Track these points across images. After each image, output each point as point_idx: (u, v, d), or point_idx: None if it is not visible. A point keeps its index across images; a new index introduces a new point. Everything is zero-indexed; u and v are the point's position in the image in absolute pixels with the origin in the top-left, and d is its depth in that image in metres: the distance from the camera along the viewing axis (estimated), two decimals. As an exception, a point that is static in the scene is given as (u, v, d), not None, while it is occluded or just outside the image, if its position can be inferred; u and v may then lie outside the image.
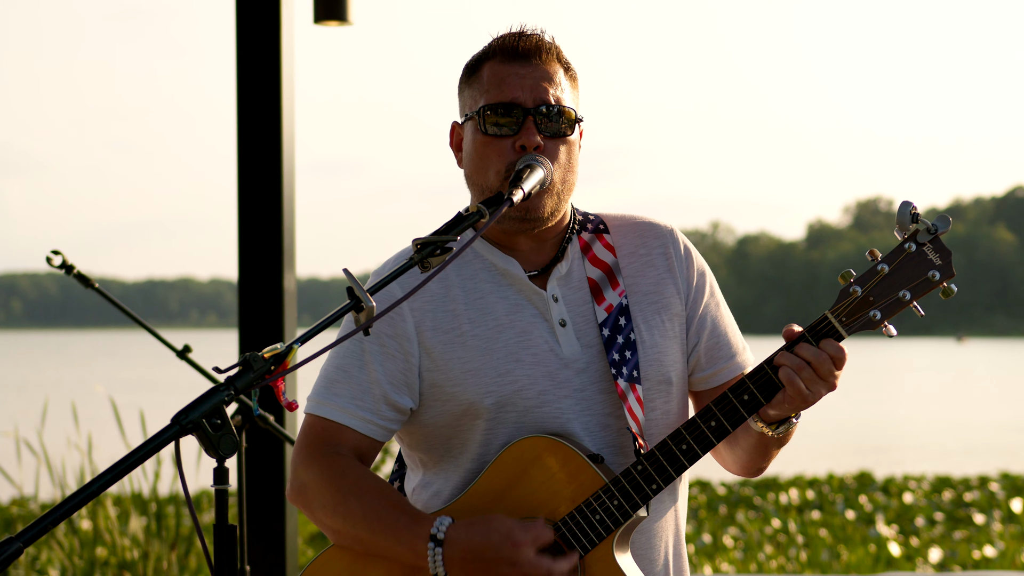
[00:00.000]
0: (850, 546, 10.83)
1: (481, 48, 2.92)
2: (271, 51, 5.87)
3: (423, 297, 2.89)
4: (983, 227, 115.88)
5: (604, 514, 2.77)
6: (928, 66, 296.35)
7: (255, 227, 5.89)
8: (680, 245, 3.00)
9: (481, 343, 2.87)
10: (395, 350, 2.88)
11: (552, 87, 2.84)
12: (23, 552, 2.10)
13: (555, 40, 2.91)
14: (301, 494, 2.89)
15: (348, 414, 2.87)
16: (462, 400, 2.85)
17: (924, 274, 2.71)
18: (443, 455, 2.92)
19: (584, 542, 2.79)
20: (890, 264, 2.71)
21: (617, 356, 2.87)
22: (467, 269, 2.92)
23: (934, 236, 2.71)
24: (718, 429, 2.77)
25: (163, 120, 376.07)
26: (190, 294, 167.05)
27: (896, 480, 15.58)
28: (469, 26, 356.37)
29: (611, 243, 2.97)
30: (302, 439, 2.91)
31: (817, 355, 2.71)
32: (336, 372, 2.90)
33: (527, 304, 2.90)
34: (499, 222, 2.86)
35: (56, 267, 4.42)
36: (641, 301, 2.94)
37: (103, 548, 8.58)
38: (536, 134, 2.81)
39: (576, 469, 2.79)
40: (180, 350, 4.50)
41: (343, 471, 2.84)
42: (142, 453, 2.21)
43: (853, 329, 2.73)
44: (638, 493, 2.77)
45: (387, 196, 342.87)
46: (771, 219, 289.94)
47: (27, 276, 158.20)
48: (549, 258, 2.93)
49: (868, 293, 2.72)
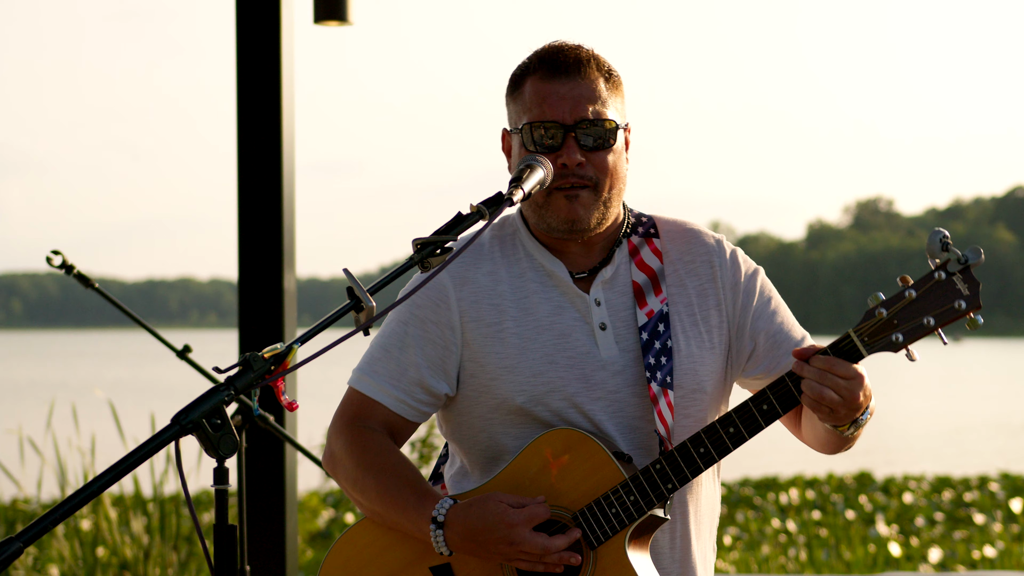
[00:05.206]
0: (850, 546, 10.82)
1: (523, 61, 2.99)
2: (271, 51, 5.88)
3: (471, 287, 2.98)
4: (983, 227, 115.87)
5: (620, 508, 2.86)
6: (928, 66, 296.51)
7: (255, 227, 5.89)
8: (726, 254, 3.06)
9: (520, 341, 2.95)
10: (437, 336, 2.97)
11: (591, 102, 2.90)
12: (23, 552, 2.11)
13: (594, 51, 2.96)
14: (331, 463, 3.03)
15: (383, 392, 2.98)
16: (496, 395, 2.95)
17: (951, 303, 2.75)
18: (474, 445, 3.02)
19: (599, 534, 2.88)
20: (918, 290, 2.76)
21: (653, 361, 2.94)
22: (516, 267, 3.01)
23: (965, 267, 2.74)
24: (736, 436, 2.85)
25: (163, 120, 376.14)
26: (190, 294, 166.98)
27: (896, 480, 15.58)
28: (469, 26, 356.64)
29: (659, 248, 3.04)
30: (340, 410, 3.03)
31: (830, 361, 2.76)
32: (379, 350, 3.00)
33: (569, 307, 2.98)
34: (546, 230, 2.95)
35: (56, 267, 4.42)
36: (681, 310, 3.00)
37: (103, 548, 8.58)
38: (576, 151, 2.89)
39: (599, 463, 2.88)
40: (180, 350, 4.50)
41: (367, 446, 2.96)
42: (142, 453, 2.22)
43: (874, 349, 2.78)
44: (653, 491, 2.86)
45: (387, 196, 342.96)
46: (771, 219, 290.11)
47: (27, 276, 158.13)
48: (597, 261, 3.01)
49: (893, 316, 2.77)
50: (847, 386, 2.75)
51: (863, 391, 2.77)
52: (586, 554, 2.89)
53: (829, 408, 2.76)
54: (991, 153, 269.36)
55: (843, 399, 2.75)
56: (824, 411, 2.78)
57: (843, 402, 2.76)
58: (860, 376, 2.77)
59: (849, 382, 2.75)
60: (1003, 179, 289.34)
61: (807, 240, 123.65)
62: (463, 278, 2.98)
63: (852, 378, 2.75)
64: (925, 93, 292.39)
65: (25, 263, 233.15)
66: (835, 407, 2.76)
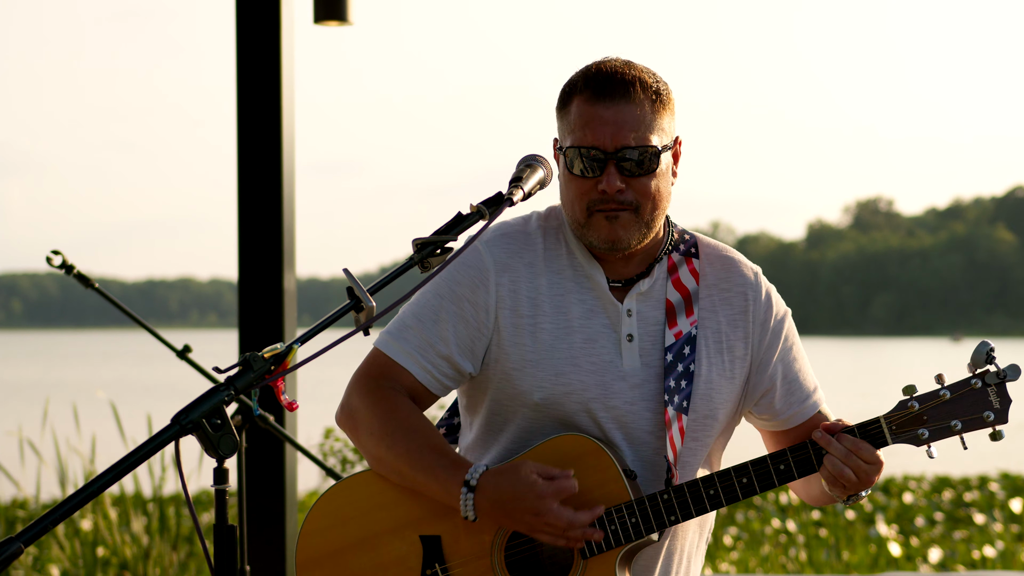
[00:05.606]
0: (850, 546, 10.82)
1: (572, 76, 2.99)
2: (271, 51, 5.87)
3: (511, 275, 3.00)
4: (983, 227, 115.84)
5: (619, 526, 2.90)
6: (928, 66, 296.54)
7: (255, 227, 5.89)
8: (762, 290, 3.09)
9: (549, 339, 2.98)
10: (471, 316, 2.99)
11: (635, 128, 2.90)
12: (23, 552, 2.10)
13: (643, 69, 2.96)
14: (350, 418, 3.03)
15: (412, 360, 3.00)
16: (516, 385, 2.98)
17: (980, 412, 2.89)
18: (489, 427, 3.05)
19: (594, 546, 2.91)
20: (952, 392, 2.89)
21: (673, 383, 2.97)
22: (556, 263, 3.03)
23: (1001, 382, 2.88)
24: (747, 487, 2.93)
25: (163, 120, 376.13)
26: (190, 294, 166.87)
27: (896, 480, 15.57)
28: (469, 25, 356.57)
29: (697, 269, 3.06)
30: (363, 368, 3.04)
31: (857, 443, 2.90)
32: (412, 319, 3.01)
33: (601, 312, 3.00)
34: (588, 245, 2.98)
35: (56, 267, 4.43)
36: (709, 336, 3.03)
37: (103, 548, 8.58)
38: (617, 178, 2.90)
39: (609, 478, 2.92)
40: (180, 350, 4.50)
41: (395, 405, 2.98)
42: (142, 453, 2.22)
43: (899, 440, 2.92)
44: (656, 519, 2.91)
45: (387, 196, 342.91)
46: (771, 219, 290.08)
47: (27, 276, 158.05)
48: (636, 272, 3.03)
49: (923, 412, 2.89)
50: (867, 470, 2.90)
51: (878, 475, 2.91)
52: (576, 562, 2.93)
53: (843, 484, 2.90)
54: (991, 153, 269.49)
55: (859, 480, 2.90)
56: (837, 486, 2.92)
57: (859, 483, 2.91)
58: (881, 463, 2.91)
59: (870, 467, 2.90)
60: (1003, 179, 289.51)
61: (807, 240, 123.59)
62: (505, 264, 3.00)
63: (873, 464, 2.90)
64: (925, 93, 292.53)
65: (25, 263, 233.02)
66: (849, 486, 2.91)
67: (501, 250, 3.01)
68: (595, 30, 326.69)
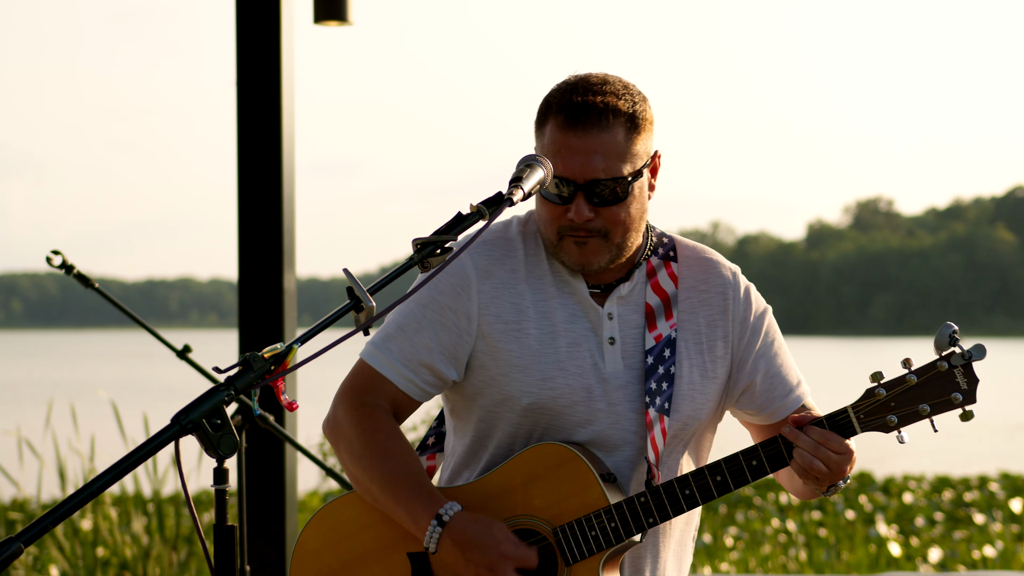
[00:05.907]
0: (850, 546, 10.83)
1: (550, 91, 2.99)
2: (271, 51, 5.88)
3: (493, 282, 3.02)
4: (983, 227, 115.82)
5: (600, 532, 2.93)
6: (929, 66, 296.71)
7: (255, 227, 5.89)
8: (741, 288, 3.11)
9: (535, 344, 3.00)
10: (453, 324, 3.01)
11: (607, 157, 2.91)
12: (23, 552, 2.10)
13: (619, 92, 2.94)
14: (334, 430, 3.08)
15: (394, 370, 3.03)
16: (503, 391, 3.00)
17: (948, 394, 2.86)
18: (473, 432, 3.07)
19: (576, 553, 2.95)
20: (919, 376, 2.86)
21: (654, 385, 3.00)
22: (538, 269, 3.05)
23: (967, 363, 2.86)
24: (721, 484, 2.94)
25: (163, 120, 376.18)
26: (190, 294, 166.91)
27: (896, 480, 15.59)
28: (469, 26, 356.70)
29: (676, 273, 3.09)
30: (349, 380, 3.08)
31: (825, 435, 2.88)
32: (395, 328, 3.05)
33: (583, 317, 3.03)
34: (560, 263, 3.01)
35: (56, 267, 4.43)
36: (689, 337, 3.06)
37: (103, 548, 8.58)
38: (586, 207, 2.92)
39: (586, 484, 2.94)
40: (180, 350, 4.51)
41: (377, 427, 3.01)
42: (142, 453, 2.22)
43: (868, 428, 2.90)
44: (635, 522, 2.94)
45: (387, 196, 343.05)
46: (771, 219, 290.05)
47: (27, 276, 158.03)
48: (615, 277, 3.05)
49: (891, 398, 2.87)
50: (837, 460, 2.88)
51: (850, 465, 2.90)
52: (561, 569, 2.97)
53: (816, 476, 2.89)
54: (991, 153, 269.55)
55: (831, 471, 2.89)
56: (810, 478, 2.91)
57: (830, 474, 2.89)
58: (851, 452, 2.89)
59: (840, 457, 2.88)
60: (1003, 179, 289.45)
61: (807, 240, 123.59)
62: (487, 271, 3.02)
63: (843, 453, 2.89)
64: (925, 94, 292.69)
65: (25, 263, 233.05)
66: (822, 477, 2.89)
67: (483, 257, 3.03)
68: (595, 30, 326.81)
